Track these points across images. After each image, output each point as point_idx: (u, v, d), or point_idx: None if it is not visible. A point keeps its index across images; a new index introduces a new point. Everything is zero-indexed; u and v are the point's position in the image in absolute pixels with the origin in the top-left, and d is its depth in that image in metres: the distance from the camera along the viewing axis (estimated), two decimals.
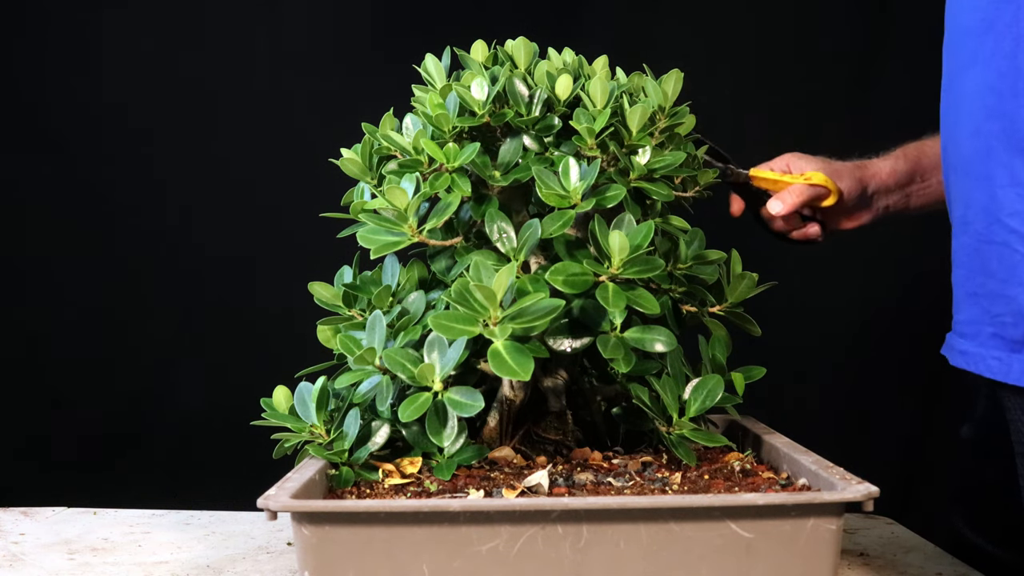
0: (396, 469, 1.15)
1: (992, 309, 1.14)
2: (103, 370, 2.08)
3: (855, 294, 2.07)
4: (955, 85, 1.20)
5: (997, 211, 1.12)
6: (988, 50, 1.13)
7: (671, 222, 1.30)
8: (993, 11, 1.13)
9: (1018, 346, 1.12)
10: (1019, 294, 1.11)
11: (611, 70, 1.29)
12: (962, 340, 1.19)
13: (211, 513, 1.58)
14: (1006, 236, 1.12)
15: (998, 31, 1.12)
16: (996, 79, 1.12)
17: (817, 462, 1.09)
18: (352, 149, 1.27)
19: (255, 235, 2.06)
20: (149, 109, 2.06)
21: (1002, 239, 1.12)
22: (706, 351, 1.27)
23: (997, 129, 1.12)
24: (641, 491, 1.09)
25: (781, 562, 0.97)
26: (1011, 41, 1.10)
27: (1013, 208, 1.11)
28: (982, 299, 1.15)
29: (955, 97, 1.19)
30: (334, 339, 1.25)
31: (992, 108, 1.12)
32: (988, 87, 1.13)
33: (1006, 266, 1.12)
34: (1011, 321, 1.12)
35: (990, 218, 1.13)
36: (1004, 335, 1.13)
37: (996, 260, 1.13)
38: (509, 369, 1.05)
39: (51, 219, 2.07)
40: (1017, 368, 1.12)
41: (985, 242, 1.14)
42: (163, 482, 2.01)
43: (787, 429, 1.26)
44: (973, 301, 1.17)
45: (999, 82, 1.11)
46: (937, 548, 1.40)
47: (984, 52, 1.13)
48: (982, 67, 1.14)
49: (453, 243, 1.25)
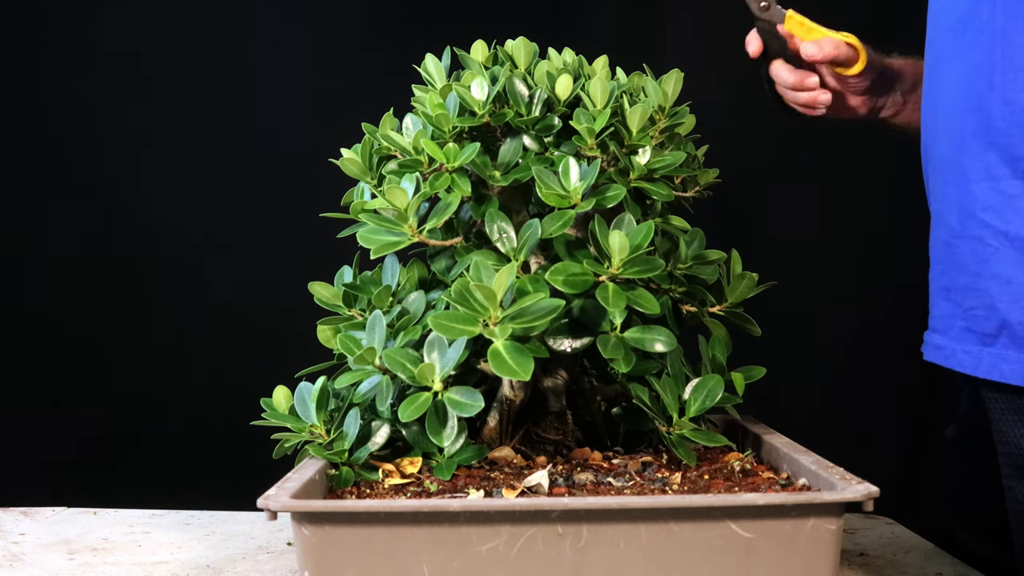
0: (396, 469, 1.15)
1: (964, 303, 1.14)
2: (103, 370, 2.08)
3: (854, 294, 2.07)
4: (934, 82, 1.20)
5: (970, 205, 1.12)
6: (965, 46, 1.13)
7: (671, 222, 1.30)
8: (970, 8, 1.13)
9: (988, 340, 1.12)
10: (990, 287, 1.11)
11: (611, 70, 1.29)
12: (935, 335, 1.19)
13: (211, 513, 1.58)
14: (979, 231, 1.12)
15: (975, 27, 1.12)
16: (971, 74, 1.12)
17: (817, 462, 1.09)
18: (352, 149, 1.27)
19: (255, 235, 2.06)
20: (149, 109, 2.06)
21: (975, 233, 1.12)
22: (706, 351, 1.27)
23: (972, 123, 1.12)
24: (641, 491, 1.09)
25: (781, 562, 0.97)
26: (987, 37, 1.11)
27: (987, 202, 1.11)
28: (954, 293, 1.16)
29: (933, 93, 1.20)
30: (334, 339, 1.25)
31: (967, 103, 1.12)
32: (964, 82, 1.13)
33: (978, 260, 1.12)
34: (983, 315, 1.12)
35: (963, 213, 1.13)
36: (975, 329, 1.13)
37: (968, 254, 1.13)
38: (509, 369, 1.05)
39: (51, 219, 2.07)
40: (987, 362, 1.12)
41: (958, 236, 1.14)
42: (163, 482, 2.01)
43: (787, 429, 1.26)
44: (945, 296, 1.17)
45: (974, 77, 1.12)
46: (937, 548, 1.40)
47: (961, 48, 1.14)
48: (959, 63, 1.14)
49: (453, 243, 1.25)
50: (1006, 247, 1.10)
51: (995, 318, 1.11)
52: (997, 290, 1.11)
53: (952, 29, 1.16)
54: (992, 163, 1.10)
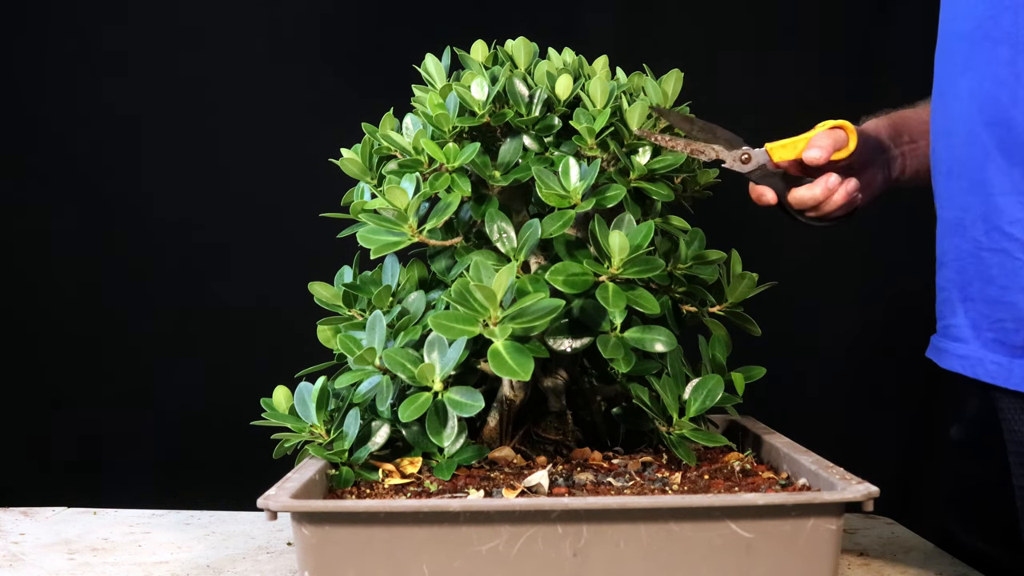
0: (396, 469, 1.15)
1: (993, 314, 1.14)
2: (103, 370, 2.08)
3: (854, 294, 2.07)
4: (948, 90, 1.19)
5: (996, 218, 1.13)
6: (984, 56, 1.13)
7: (671, 222, 1.30)
8: (989, 17, 1.13)
9: (1019, 351, 1.12)
10: (1020, 300, 1.11)
11: (611, 70, 1.29)
12: (958, 344, 1.19)
13: (211, 513, 1.58)
14: (1006, 243, 1.12)
15: (995, 38, 1.11)
16: (993, 86, 1.12)
17: (817, 462, 1.09)
18: (352, 149, 1.27)
19: (255, 235, 2.06)
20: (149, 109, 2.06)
21: (1001, 246, 1.13)
22: (706, 351, 1.27)
23: (995, 136, 1.12)
24: (641, 491, 1.09)
25: (781, 562, 0.97)
26: (1009, 48, 1.10)
27: (1013, 216, 1.11)
28: (980, 304, 1.16)
29: (948, 102, 1.19)
30: (334, 339, 1.25)
31: (990, 115, 1.12)
32: (985, 94, 1.13)
33: (1006, 272, 1.12)
34: (1012, 327, 1.12)
35: (988, 225, 1.13)
36: (1005, 340, 1.13)
37: (996, 266, 1.13)
38: (509, 369, 1.05)
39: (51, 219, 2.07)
40: (1018, 373, 1.13)
41: (984, 248, 1.14)
42: (163, 482, 2.01)
43: (787, 429, 1.26)
44: (970, 306, 1.17)
45: (997, 90, 1.11)
46: (937, 548, 1.40)
47: (979, 58, 1.13)
48: (978, 73, 1.13)
49: (453, 243, 1.25)
50: None
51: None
52: None
53: (969, 38, 1.15)
54: (1017, 177, 1.10)
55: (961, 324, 1.18)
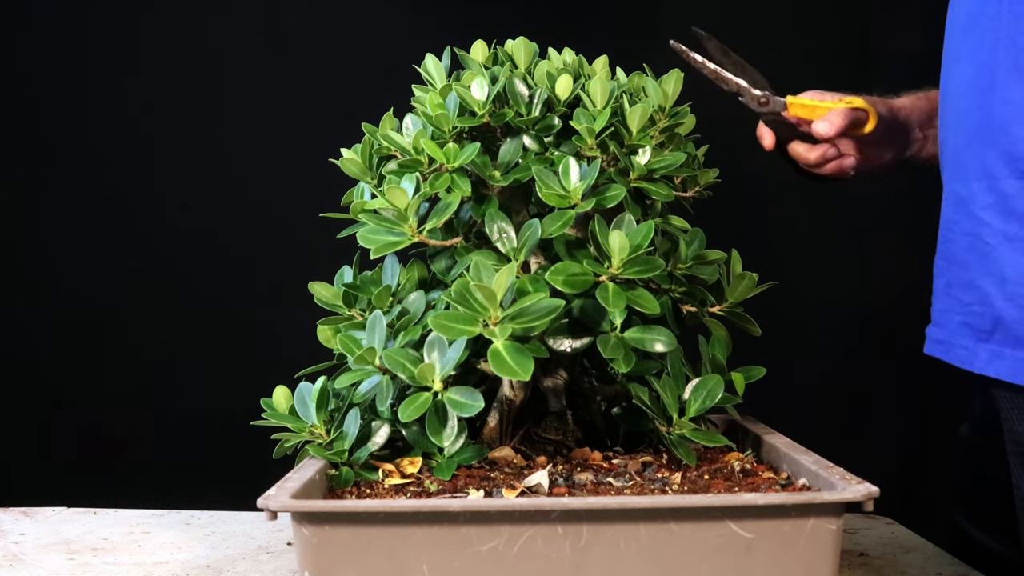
0: (396, 469, 1.15)
1: (962, 299, 1.15)
2: (103, 370, 2.08)
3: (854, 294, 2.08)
4: (946, 80, 1.21)
5: (970, 202, 1.13)
6: (972, 44, 1.14)
7: (671, 222, 1.30)
8: (977, 7, 1.14)
9: (984, 336, 1.13)
10: (987, 284, 1.12)
11: (611, 70, 1.29)
12: (936, 329, 1.20)
13: (211, 513, 1.58)
14: (978, 228, 1.13)
15: (982, 25, 1.13)
16: (975, 74, 1.13)
17: (817, 462, 1.09)
18: (352, 149, 1.27)
19: (255, 235, 2.06)
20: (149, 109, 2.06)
21: (974, 230, 1.13)
22: (706, 351, 1.27)
23: (975, 122, 1.13)
24: (641, 491, 1.09)
25: (781, 562, 0.97)
26: (991, 36, 1.11)
27: (985, 200, 1.12)
28: (953, 289, 1.17)
29: (946, 92, 1.21)
30: (334, 339, 1.25)
31: (972, 102, 1.13)
32: (969, 82, 1.14)
33: (976, 256, 1.13)
34: (979, 311, 1.13)
35: (963, 209, 1.14)
36: (972, 324, 1.14)
37: (967, 250, 1.14)
38: (509, 369, 1.05)
39: (51, 219, 2.07)
40: (982, 358, 1.13)
41: (959, 233, 1.15)
42: (163, 482, 2.01)
43: (787, 429, 1.26)
44: (947, 291, 1.18)
45: (978, 77, 1.12)
46: (937, 548, 1.40)
47: (968, 46, 1.15)
48: (966, 63, 1.15)
49: (453, 243, 1.25)
50: (1003, 245, 1.11)
51: (990, 315, 1.12)
52: (993, 287, 1.12)
53: (962, 27, 1.17)
54: (991, 161, 1.11)
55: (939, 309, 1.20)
